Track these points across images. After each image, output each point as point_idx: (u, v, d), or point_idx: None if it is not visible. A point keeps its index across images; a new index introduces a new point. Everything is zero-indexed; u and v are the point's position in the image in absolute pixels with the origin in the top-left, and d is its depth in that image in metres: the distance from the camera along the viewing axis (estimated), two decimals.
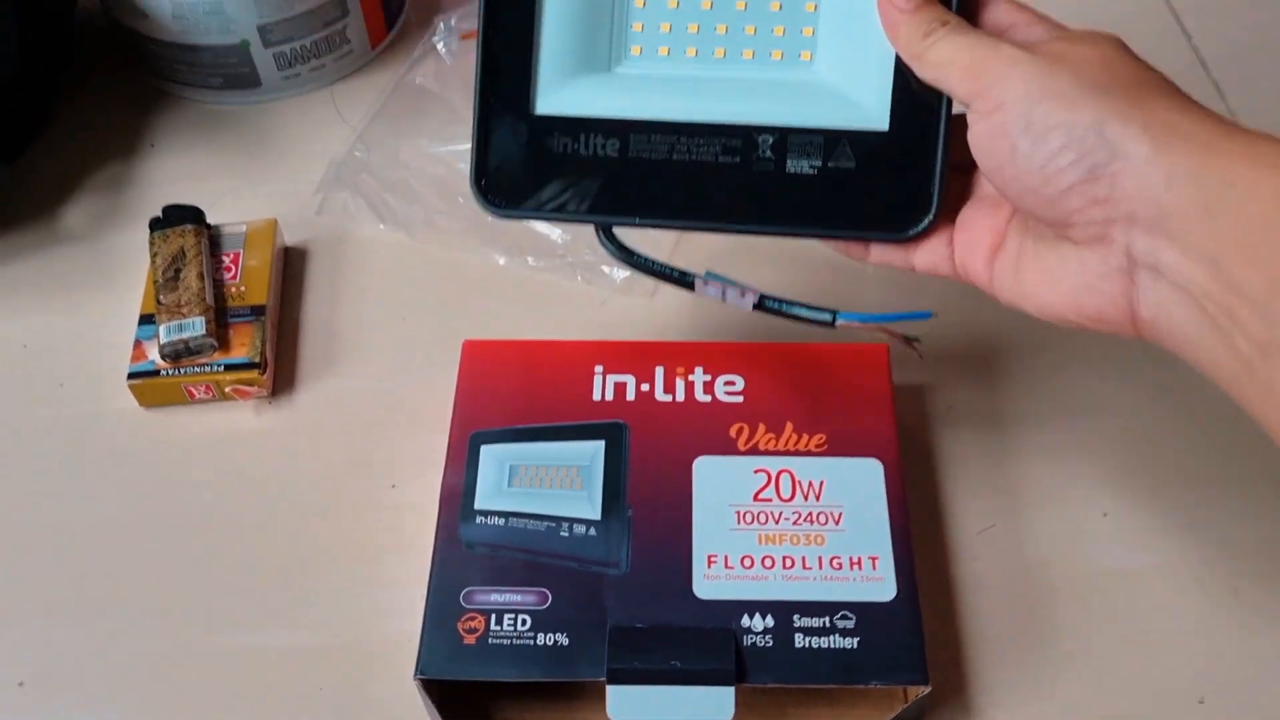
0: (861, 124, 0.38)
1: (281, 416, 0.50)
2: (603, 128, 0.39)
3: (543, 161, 0.39)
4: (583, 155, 0.39)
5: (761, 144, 0.38)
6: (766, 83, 0.39)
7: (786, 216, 0.39)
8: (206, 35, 0.59)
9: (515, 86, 0.39)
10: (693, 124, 0.39)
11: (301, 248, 0.56)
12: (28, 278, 0.55)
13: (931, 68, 0.35)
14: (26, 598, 0.45)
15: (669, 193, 0.39)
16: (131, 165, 0.60)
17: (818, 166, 0.38)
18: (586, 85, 0.39)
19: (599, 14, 0.39)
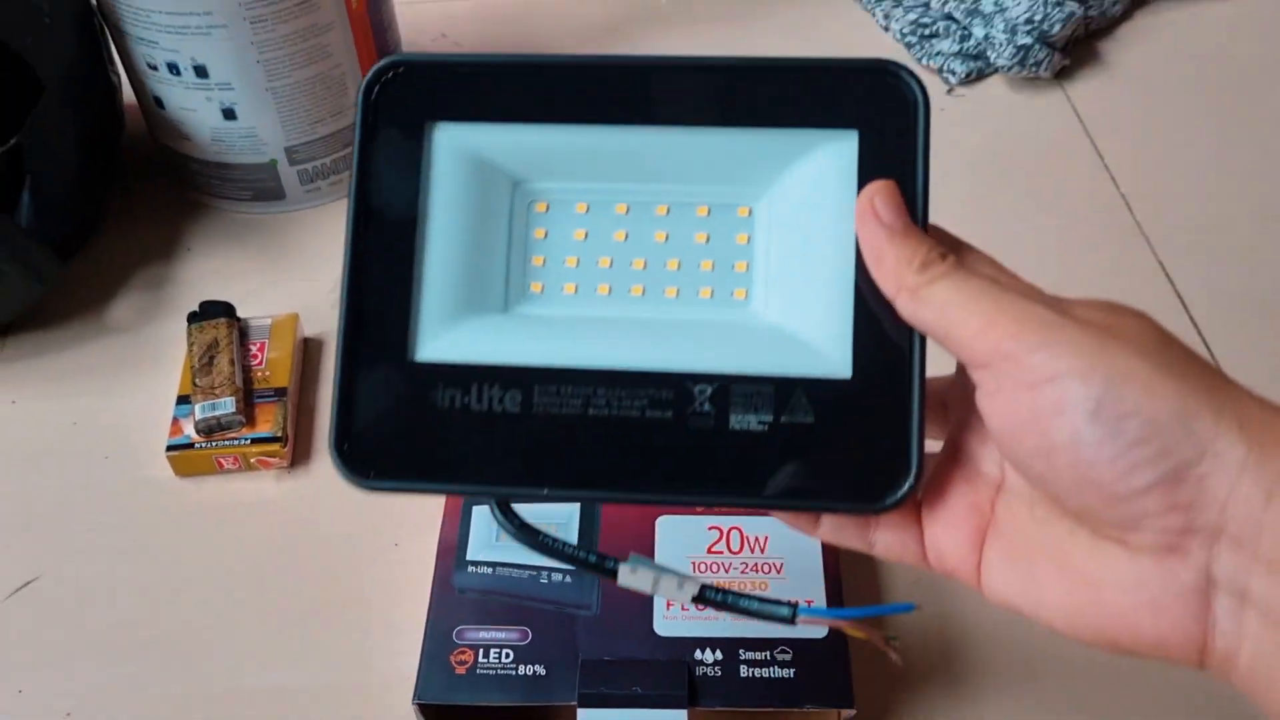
0: (818, 371, 0.32)
1: (299, 484, 0.57)
2: (500, 377, 0.32)
3: (424, 419, 0.32)
4: (475, 411, 0.32)
5: (698, 395, 0.32)
6: (700, 324, 0.33)
7: (731, 484, 0.31)
8: (240, 155, 0.67)
9: (389, 327, 0.32)
10: (613, 372, 0.32)
11: (319, 339, 0.64)
12: (79, 363, 0.63)
13: (931, 309, 0.29)
14: (75, 640, 0.51)
15: (585, 457, 0.31)
16: (170, 267, 0.68)
17: (768, 422, 0.31)
18: (479, 327, 0.33)
19: (492, 245, 0.33)
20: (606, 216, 0.33)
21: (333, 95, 0.67)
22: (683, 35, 0.83)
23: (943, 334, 0.29)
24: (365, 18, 0.66)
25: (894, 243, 0.30)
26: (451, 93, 0.33)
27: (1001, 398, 0.28)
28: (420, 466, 0.32)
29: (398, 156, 0.32)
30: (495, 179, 0.33)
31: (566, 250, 0.34)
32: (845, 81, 0.32)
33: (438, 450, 0.32)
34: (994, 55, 0.77)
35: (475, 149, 0.33)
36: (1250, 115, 0.76)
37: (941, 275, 0.29)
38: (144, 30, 0.62)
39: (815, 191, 0.32)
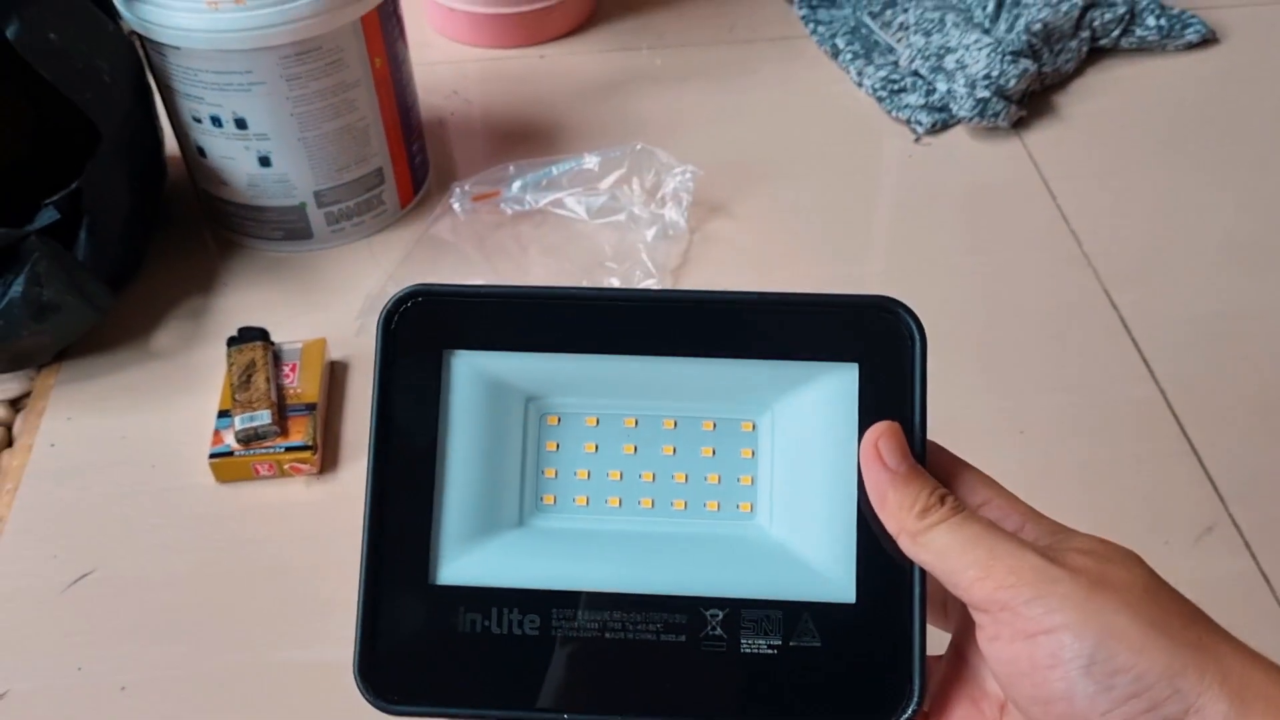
0: (823, 595, 0.33)
1: (327, 489, 0.63)
2: (519, 600, 0.33)
3: (445, 643, 0.33)
4: (495, 634, 0.33)
5: (710, 619, 0.33)
6: (708, 540, 0.34)
7: (744, 707, 0.32)
8: (272, 199, 0.75)
9: (411, 550, 0.33)
10: (628, 595, 0.33)
11: (344, 361, 0.70)
12: (127, 385, 0.69)
13: (930, 554, 0.31)
14: (128, 623, 0.57)
15: (603, 680, 0.33)
16: (209, 299, 0.75)
17: (777, 646, 0.32)
18: (496, 547, 0.34)
19: (507, 460, 0.34)
20: (615, 429, 0.35)
21: (357, 144, 0.74)
22: (673, 92, 0.90)
23: (942, 576, 0.31)
24: (387, 76, 0.74)
25: (896, 487, 0.31)
26: (467, 323, 0.34)
27: (1000, 644, 0.30)
28: (442, 690, 0.33)
29: (416, 382, 0.34)
30: (509, 397, 0.34)
31: (577, 463, 0.35)
32: (847, 316, 0.33)
33: (459, 674, 0.33)
34: (956, 107, 0.84)
35: (490, 373, 0.34)
36: (1189, 160, 0.83)
37: (939, 521, 0.31)
38: (191, 87, 0.69)
39: (817, 419, 0.34)
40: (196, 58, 0.67)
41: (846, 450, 0.33)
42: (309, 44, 0.68)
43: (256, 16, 0.65)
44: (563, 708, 0.32)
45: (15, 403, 0.71)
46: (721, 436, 0.35)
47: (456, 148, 0.87)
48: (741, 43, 0.95)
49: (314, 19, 0.67)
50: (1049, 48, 0.88)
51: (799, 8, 0.97)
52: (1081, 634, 0.28)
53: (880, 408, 0.33)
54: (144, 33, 0.68)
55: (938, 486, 0.32)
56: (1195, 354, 0.69)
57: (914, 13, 0.91)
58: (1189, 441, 0.64)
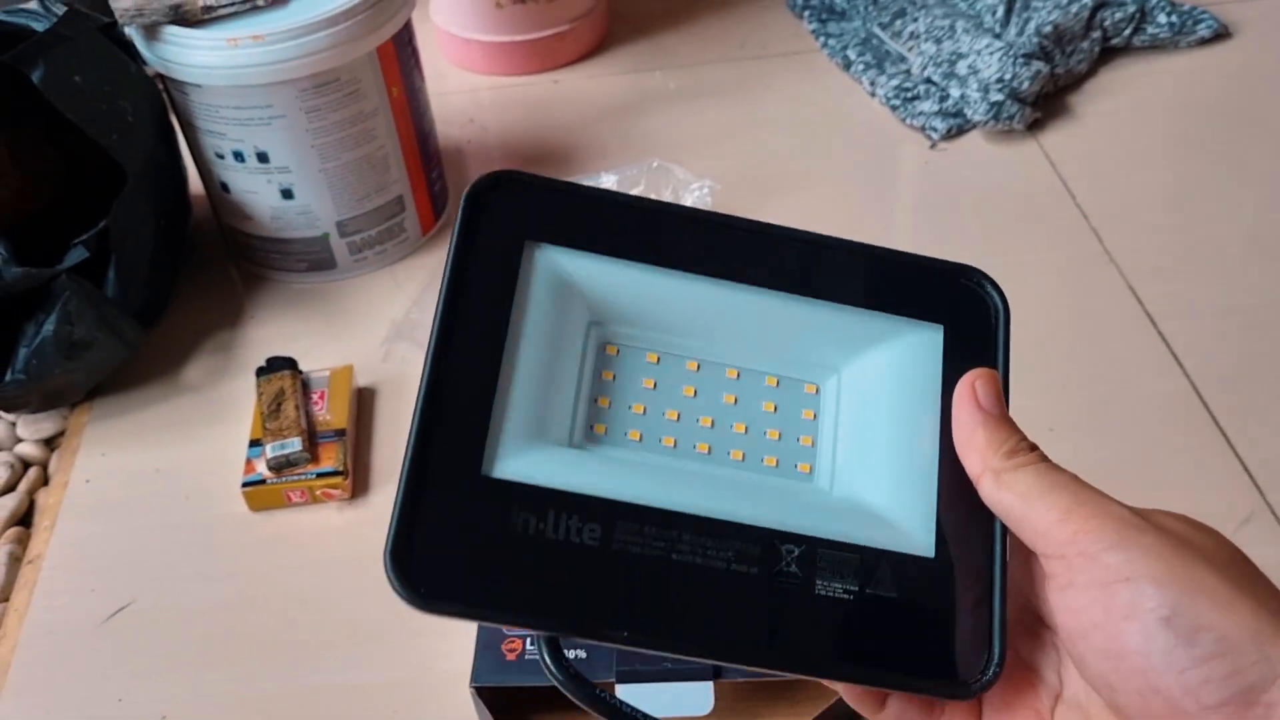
0: (901, 546, 0.31)
1: (359, 514, 0.64)
2: (580, 506, 0.30)
3: (493, 541, 0.29)
4: (549, 539, 0.29)
5: (786, 554, 0.30)
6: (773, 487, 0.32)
7: (813, 652, 0.30)
8: (296, 230, 0.75)
9: (466, 438, 0.30)
10: (700, 518, 0.30)
11: (371, 387, 0.71)
12: (159, 419, 0.70)
13: (1013, 494, 0.29)
14: (169, 653, 0.58)
15: (665, 603, 0.29)
16: (236, 332, 0.75)
17: (853, 591, 0.30)
18: (557, 453, 0.31)
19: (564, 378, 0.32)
20: (676, 370, 0.33)
21: (377, 173, 0.75)
22: (687, 110, 0.91)
23: (1020, 519, 0.29)
24: (405, 104, 0.75)
25: (988, 426, 0.31)
26: (554, 216, 0.32)
27: (1073, 592, 0.28)
28: (485, 592, 0.28)
29: (493, 265, 0.31)
30: (577, 314, 0.32)
31: (633, 397, 0.32)
32: (935, 279, 0.33)
33: (503, 578, 0.29)
34: (970, 112, 0.85)
35: (567, 276, 0.32)
36: (1207, 154, 0.83)
37: (1027, 464, 0.30)
38: (213, 124, 0.70)
39: (898, 376, 0.33)
40: (217, 94, 0.69)
41: (928, 409, 0.32)
42: (327, 76, 0.69)
43: (275, 51, 0.66)
44: (621, 627, 0.29)
45: (50, 441, 0.72)
46: (783, 394, 0.33)
47: (473, 174, 0.88)
48: (752, 59, 0.96)
49: (331, 51, 0.68)
50: (1060, 49, 0.88)
51: (809, 22, 0.98)
52: (1164, 585, 0.26)
53: (964, 372, 0.32)
54: (165, 72, 0.69)
55: (1027, 440, 0.31)
56: (1224, 346, 0.69)
57: (924, 21, 0.92)
58: (1223, 433, 0.64)
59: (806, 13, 0.98)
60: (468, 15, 0.94)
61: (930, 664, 0.30)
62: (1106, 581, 0.27)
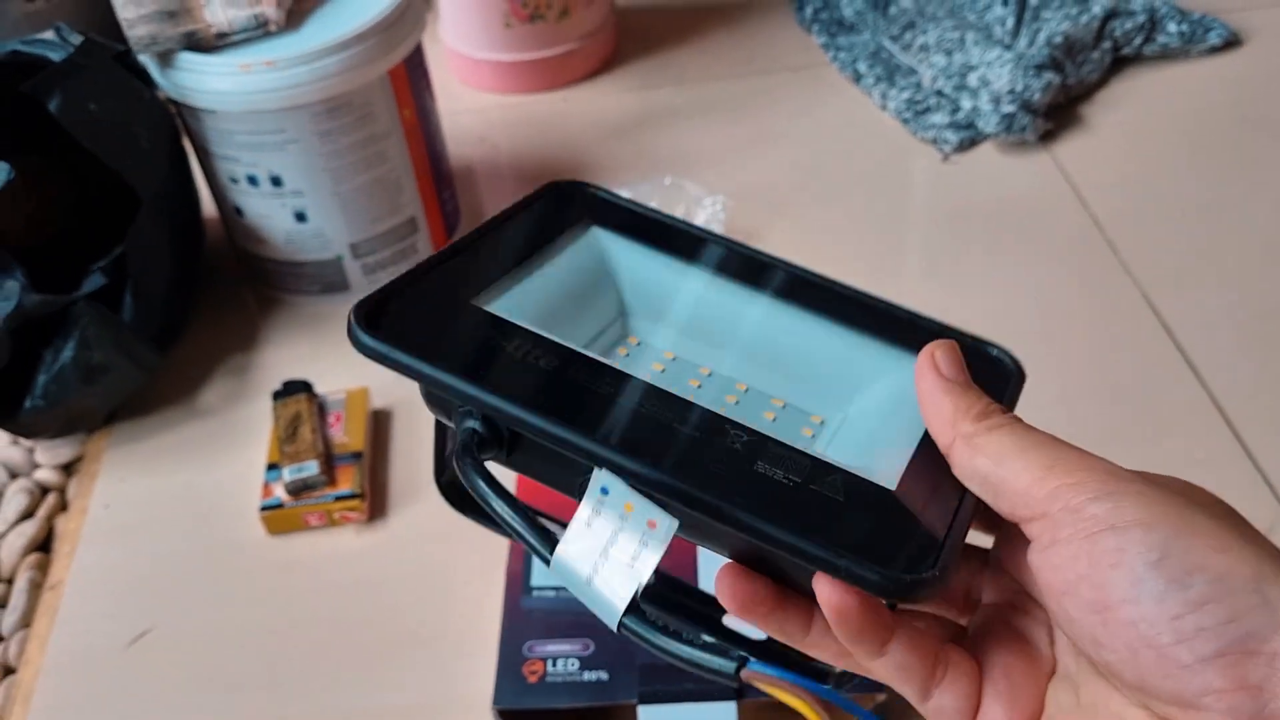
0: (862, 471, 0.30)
1: (378, 536, 0.64)
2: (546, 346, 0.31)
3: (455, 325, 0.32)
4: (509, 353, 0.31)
5: (731, 433, 0.30)
6: None
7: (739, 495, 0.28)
8: (309, 253, 0.76)
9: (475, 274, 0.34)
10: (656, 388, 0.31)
11: (387, 409, 0.71)
12: (176, 444, 0.70)
13: (987, 456, 0.27)
14: (190, 678, 0.58)
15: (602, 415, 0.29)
16: (252, 355, 0.76)
17: (795, 482, 0.29)
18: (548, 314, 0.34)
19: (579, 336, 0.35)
20: (687, 373, 0.34)
21: (390, 195, 0.75)
22: (698, 126, 0.91)
23: (997, 484, 0.27)
24: (417, 126, 0.75)
25: (952, 393, 0.29)
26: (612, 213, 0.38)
27: (1056, 550, 0.26)
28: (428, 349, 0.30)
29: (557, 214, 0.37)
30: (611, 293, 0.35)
31: None
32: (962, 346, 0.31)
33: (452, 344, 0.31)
34: (982, 124, 0.85)
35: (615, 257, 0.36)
36: (1221, 162, 0.83)
37: (999, 425, 0.28)
38: (227, 149, 0.71)
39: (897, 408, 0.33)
40: (231, 120, 0.69)
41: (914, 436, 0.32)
42: (339, 100, 0.69)
43: (287, 76, 0.67)
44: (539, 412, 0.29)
45: (68, 467, 0.72)
46: (787, 413, 0.34)
47: (486, 193, 0.88)
48: (762, 74, 0.96)
49: (344, 75, 0.68)
50: (1071, 59, 0.88)
51: (818, 35, 0.98)
52: (1153, 527, 0.24)
53: None
54: (179, 98, 0.70)
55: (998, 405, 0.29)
56: (1242, 355, 0.69)
57: (933, 34, 0.92)
58: (1241, 443, 0.63)
59: (815, 26, 0.98)
60: (477, 35, 0.94)
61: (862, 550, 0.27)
62: (1091, 531, 0.25)
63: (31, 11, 0.92)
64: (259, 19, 0.68)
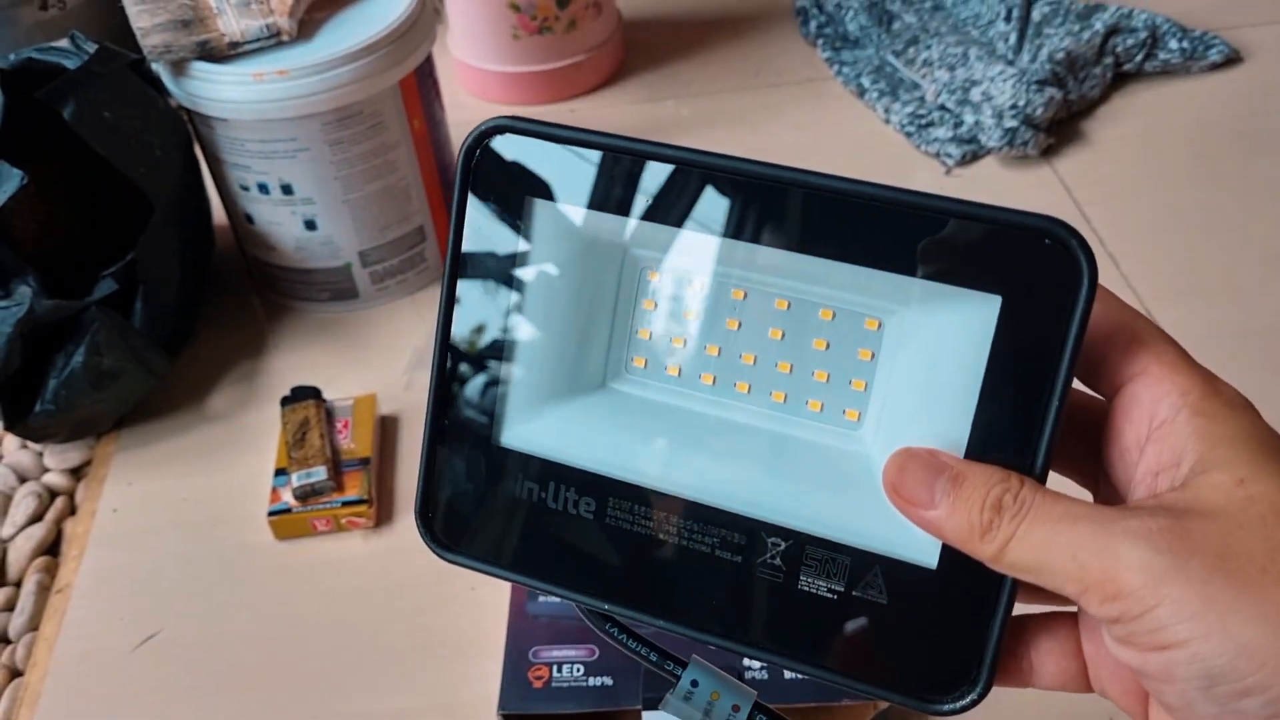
0: (903, 552, 0.29)
1: (384, 542, 0.64)
2: (577, 480, 0.31)
3: (502, 506, 0.31)
4: (550, 509, 0.31)
5: (771, 548, 0.30)
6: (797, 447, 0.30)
7: (787, 644, 0.30)
8: (319, 261, 0.76)
9: (476, 406, 0.32)
10: (690, 502, 0.30)
11: (394, 415, 0.71)
12: (185, 448, 0.71)
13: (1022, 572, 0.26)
14: (198, 681, 0.58)
15: (649, 580, 0.30)
16: (260, 362, 0.76)
17: (838, 591, 0.29)
18: (565, 415, 0.31)
19: (597, 314, 0.31)
20: (722, 300, 0.30)
21: (399, 204, 0.76)
22: (703, 138, 0.92)
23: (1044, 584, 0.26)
24: (426, 136, 0.76)
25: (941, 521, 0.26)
26: (559, 171, 0.30)
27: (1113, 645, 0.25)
28: (494, 551, 0.32)
29: (496, 229, 0.31)
30: (605, 247, 0.31)
31: (674, 329, 0.31)
32: (1002, 236, 0.27)
33: (511, 539, 0.32)
34: (985, 138, 0.85)
35: (582, 226, 0.30)
36: (1221, 178, 0.84)
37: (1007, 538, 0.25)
38: (239, 157, 0.72)
39: (944, 350, 0.28)
40: (243, 128, 0.70)
41: (964, 395, 0.28)
42: (351, 110, 0.70)
43: (300, 86, 0.68)
44: (604, 596, 0.31)
45: (76, 471, 0.73)
46: (839, 330, 0.30)
47: None
48: (767, 87, 0.97)
49: (355, 85, 0.69)
50: (1073, 75, 0.88)
51: (822, 50, 0.99)
52: (1198, 653, 0.23)
53: (1019, 355, 0.27)
54: (192, 107, 0.71)
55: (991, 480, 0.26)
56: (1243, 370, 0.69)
57: (937, 49, 0.92)
58: None
59: (820, 41, 0.99)
60: (485, 46, 0.95)
61: (905, 677, 0.29)
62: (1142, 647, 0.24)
63: (45, 19, 0.93)
64: (271, 29, 0.69)
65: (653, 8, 1.07)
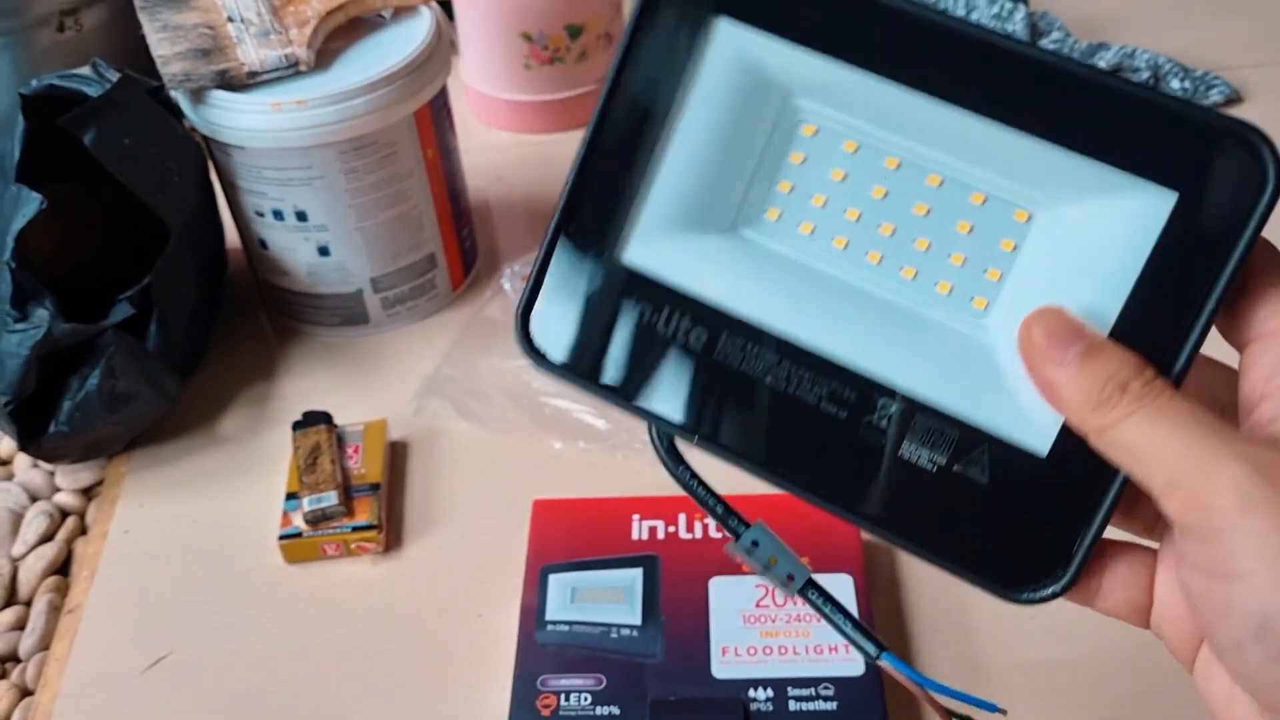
0: (1014, 435, 0.29)
1: (393, 567, 0.65)
2: (694, 309, 0.31)
3: (608, 322, 0.31)
4: (658, 333, 0.31)
5: (880, 408, 0.30)
6: (920, 325, 0.30)
7: (877, 510, 0.30)
8: (330, 286, 0.77)
9: (604, 215, 0.31)
10: (805, 350, 0.30)
11: (404, 441, 0.72)
12: (195, 471, 0.72)
13: (1123, 454, 0.26)
14: (207, 704, 0.59)
15: (746, 422, 0.30)
16: (270, 385, 0.77)
17: (939, 465, 0.29)
18: (693, 245, 0.31)
19: (741, 156, 0.31)
20: (873, 166, 0.30)
21: (411, 232, 0.77)
22: None
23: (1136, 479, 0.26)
24: (439, 165, 0.77)
25: (1069, 377, 0.26)
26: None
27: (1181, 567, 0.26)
28: (589, 368, 0.31)
29: (668, 41, 0.30)
30: (767, 86, 0.30)
31: (817, 187, 0.30)
32: (1188, 132, 0.27)
33: (611, 359, 0.31)
34: None
35: (755, 55, 0.30)
36: None
37: (1126, 414, 0.25)
38: (255, 184, 0.73)
39: (1103, 240, 0.28)
40: (260, 156, 0.71)
41: (1114, 288, 0.28)
42: (366, 139, 0.71)
43: (317, 115, 0.69)
44: (697, 430, 0.31)
45: (87, 491, 0.73)
46: (987, 215, 0.29)
47: (500, 231, 0.90)
48: None
49: (371, 115, 0.70)
50: None
51: None
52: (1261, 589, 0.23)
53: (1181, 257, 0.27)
54: (210, 134, 0.72)
55: (1125, 362, 0.26)
56: None
57: None
58: None
59: None
60: (497, 75, 0.96)
61: (995, 560, 0.29)
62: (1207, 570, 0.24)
63: (61, 40, 0.94)
64: (290, 59, 0.70)
65: None
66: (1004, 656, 0.57)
